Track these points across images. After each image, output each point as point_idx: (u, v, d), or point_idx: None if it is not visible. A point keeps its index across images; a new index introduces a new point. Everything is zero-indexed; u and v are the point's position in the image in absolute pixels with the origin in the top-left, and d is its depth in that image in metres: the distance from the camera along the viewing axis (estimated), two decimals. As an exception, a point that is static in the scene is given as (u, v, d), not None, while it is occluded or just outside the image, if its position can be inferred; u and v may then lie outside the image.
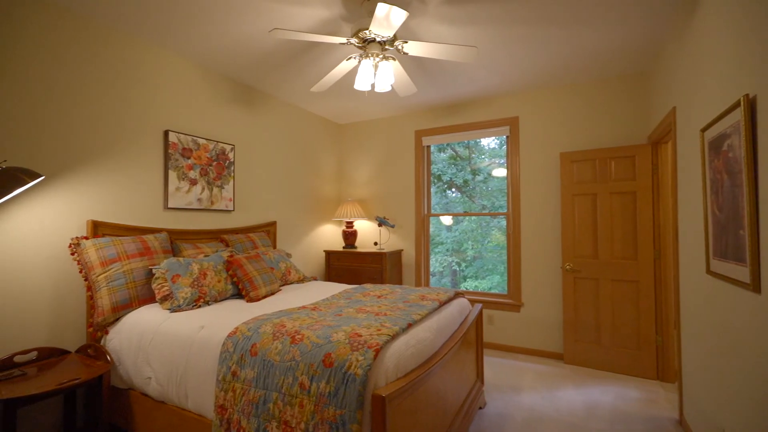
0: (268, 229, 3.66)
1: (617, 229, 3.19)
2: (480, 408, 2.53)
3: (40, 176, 1.84)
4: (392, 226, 4.23)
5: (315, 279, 3.62)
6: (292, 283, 3.12)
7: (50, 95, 2.16)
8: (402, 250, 4.35)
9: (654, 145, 3.05)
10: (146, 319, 2.10)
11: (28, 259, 2.06)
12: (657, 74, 2.88)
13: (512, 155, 3.80)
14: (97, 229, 2.31)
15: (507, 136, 3.87)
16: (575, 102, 3.51)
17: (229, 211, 3.28)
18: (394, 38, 2.19)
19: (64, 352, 2.13)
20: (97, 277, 2.15)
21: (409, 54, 2.27)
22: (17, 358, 1.94)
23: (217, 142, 3.14)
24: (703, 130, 1.87)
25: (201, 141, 3.00)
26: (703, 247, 1.97)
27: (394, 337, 1.63)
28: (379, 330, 1.64)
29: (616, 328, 3.18)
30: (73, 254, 2.18)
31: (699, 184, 2.01)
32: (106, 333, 2.17)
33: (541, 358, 3.54)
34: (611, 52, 2.84)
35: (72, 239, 2.19)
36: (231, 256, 2.67)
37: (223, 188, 3.21)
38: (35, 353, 2.02)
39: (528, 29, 2.51)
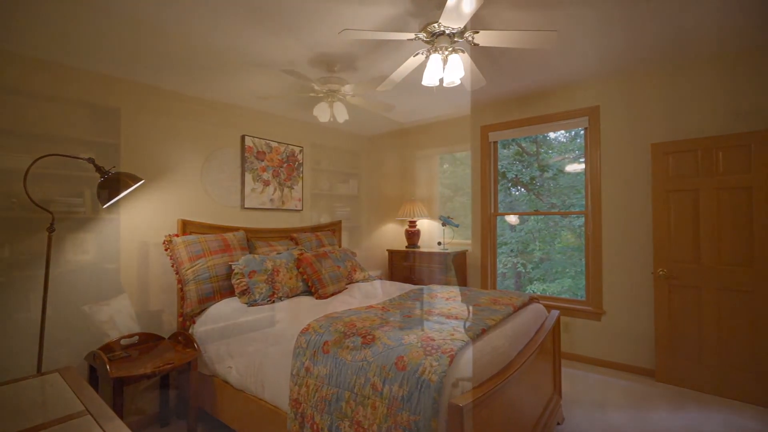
0: (334, 228, 3.75)
1: (726, 230, 2.74)
2: (558, 424, 2.33)
3: (141, 180, 2.05)
4: (456, 226, 4.10)
5: (379, 278, 3.63)
6: (357, 281, 3.15)
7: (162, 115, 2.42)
8: (467, 250, 4.19)
9: (776, 131, 2.57)
10: (227, 311, 2.25)
11: (133, 254, 2.33)
12: (781, 46, 2.41)
13: (592, 148, 3.46)
14: (186, 227, 2.53)
15: (585, 128, 3.53)
16: (669, 87, 3.08)
17: (298, 210, 3.42)
18: (464, 29, 2.09)
19: (159, 338, 2.37)
20: (186, 271, 2.35)
21: (480, 44, 2.15)
22: (123, 341, 2.20)
23: (288, 144, 3.29)
24: None
25: (273, 144, 3.16)
26: None
27: (468, 343, 1.54)
28: (452, 335, 1.57)
29: (723, 344, 2.74)
30: (166, 250, 2.41)
31: None
32: (194, 323, 2.36)
33: (627, 374, 3.18)
34: (720, 26, 2.43)
35: (166, 236, 2.42)
36: (301, 254, 2.77)
37: (293, 189, 3.35)
38: (137, 337, 2.26)
39: (617, 9, 2.24)
